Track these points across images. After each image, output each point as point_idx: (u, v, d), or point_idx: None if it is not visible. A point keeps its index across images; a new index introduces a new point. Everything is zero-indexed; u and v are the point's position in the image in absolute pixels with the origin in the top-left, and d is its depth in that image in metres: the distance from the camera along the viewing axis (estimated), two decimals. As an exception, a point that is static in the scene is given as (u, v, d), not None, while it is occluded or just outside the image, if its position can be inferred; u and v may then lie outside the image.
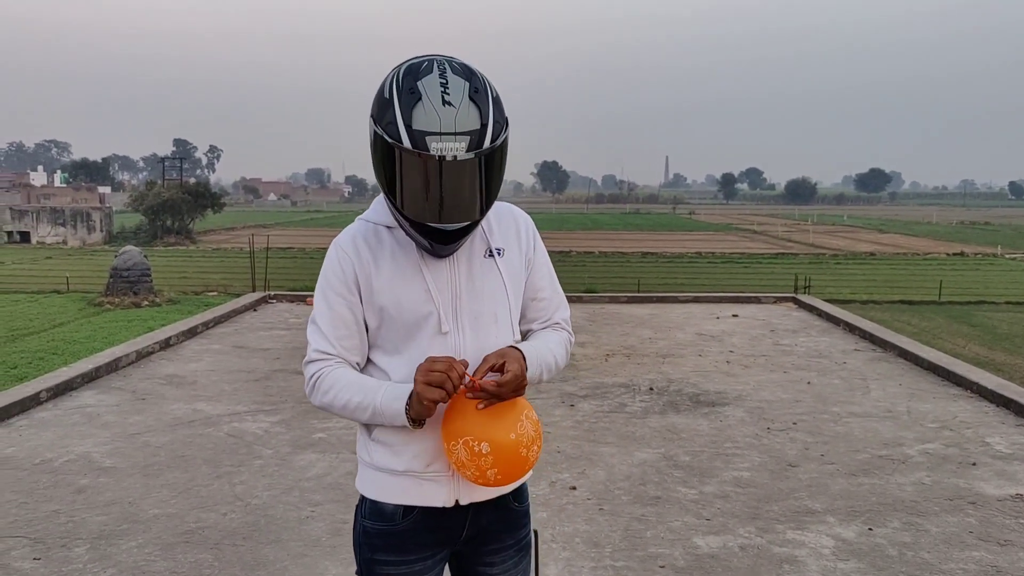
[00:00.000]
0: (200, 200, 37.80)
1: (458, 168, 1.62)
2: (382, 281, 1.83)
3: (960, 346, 10.52)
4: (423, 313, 1.82)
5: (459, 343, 1.83)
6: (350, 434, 5.85)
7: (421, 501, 1.85)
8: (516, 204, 2.05)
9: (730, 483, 4.99)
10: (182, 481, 4.93)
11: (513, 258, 1.92)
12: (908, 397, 6.99)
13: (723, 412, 6.52)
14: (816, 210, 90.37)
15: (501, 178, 1.74)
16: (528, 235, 1.97)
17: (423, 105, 1.61)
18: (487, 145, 1.63)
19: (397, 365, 1.84)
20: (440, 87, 1.62)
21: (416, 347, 1.82)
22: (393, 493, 1.86)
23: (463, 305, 1.84)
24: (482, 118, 1.63)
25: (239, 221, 53.39)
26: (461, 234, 1.74)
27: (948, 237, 41.96)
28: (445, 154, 1.60)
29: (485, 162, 1.65)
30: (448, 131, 1.60)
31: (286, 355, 8.50)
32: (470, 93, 1.64)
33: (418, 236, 1.76)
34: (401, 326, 1.83)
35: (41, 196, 53.30)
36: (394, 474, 1.85)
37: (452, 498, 1.85)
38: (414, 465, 1.84)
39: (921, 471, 5.21)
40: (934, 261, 27.49)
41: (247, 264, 17.35)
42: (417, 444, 1.83)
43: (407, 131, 1.61)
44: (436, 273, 1.83)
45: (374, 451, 1.88)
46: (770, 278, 19.59)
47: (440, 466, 1.83)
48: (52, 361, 8.64)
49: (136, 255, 13.92)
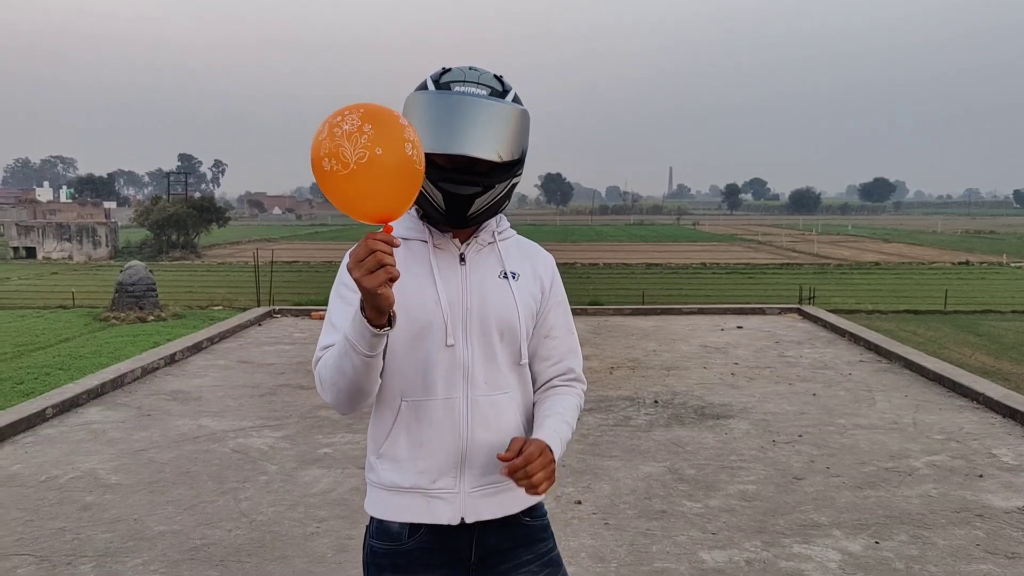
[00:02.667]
0: (205, 214, 37.92)
1: (476, 104, 1.74)
2: (395, 285, 1.85)
3: (966, 356, 10.49)
4: (429, 322, 1.82)
5: (466, 357, 1.83)
6: (355, 449, 5.85)
7: (427, 518, 1.84)
8: (520, 216, 2.08)
9: (736, 496, 4.98)
10: (187, 497, 4.94)
11: (528, 285, 1.93)
12: (914, 408, 6.97)
13: (728, 425, 6.51)
14: (820, 220, 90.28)
15: (518, 149, 1.81)
16: (547, 271, 1.99)
17: (451, 71, 1.80)
18: (507, 101, 1.78)
19: (401, 375, 1.84)
20: (468, 66, 1.83)
21: (422, 360, 1.82)
22: (398, 511, 1.85)
23: (473, 320, 1.84)
24: (504, 87, 1.81)
25: (244, 235, 53.52)
26: (474, 196, 1.78)
27: (953, 246, 41.88)
28: (466, 93, 1.74)
29: (502, 120, 1.76)
30: (472, 80, 1.77)
31: (291, 370, 8.51)
32: (495, 75, 1.83)
33: (434, 196, 1.79)
34: (407, 334, 1.81)
35: (47, 212, 53.49)
36: (400, 491, 1.85)
37: (458, 515, 1.84)
38: (420, 481, 1.83)
39: (928, 483, 5.19)
40: (939, 270, 27.45)
41: (252, 278, 17.39)
42: (423, 460, 1.83)
43: (434, 85, 1.78)
44: (447, 285, 1.84)
45: (381, 469, 1.87)
46: (775, 288, 19.56)
47: (447, 483, 1.83)
48: (58, 376, 8.66)
49: (141, 270, 13.96)
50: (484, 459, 1.84)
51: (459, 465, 1.84)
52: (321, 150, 1.49)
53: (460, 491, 1.83)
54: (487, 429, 1.84)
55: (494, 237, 1.93)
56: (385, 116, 1.51)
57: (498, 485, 1.86)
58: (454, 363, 1.82)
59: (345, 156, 1.47)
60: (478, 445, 1.84)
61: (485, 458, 1.84)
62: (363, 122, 1.47)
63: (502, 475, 1.72)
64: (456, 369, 1.82)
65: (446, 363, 1.82)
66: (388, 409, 1.87)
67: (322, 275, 26.20)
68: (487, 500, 1.86)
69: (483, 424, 1.84)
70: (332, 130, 1.48)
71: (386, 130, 1.50)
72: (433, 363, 1.82)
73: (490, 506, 1.86)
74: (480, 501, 1.85)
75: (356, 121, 1.48)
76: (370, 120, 1.49)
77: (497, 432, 1.85)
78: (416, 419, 1.83)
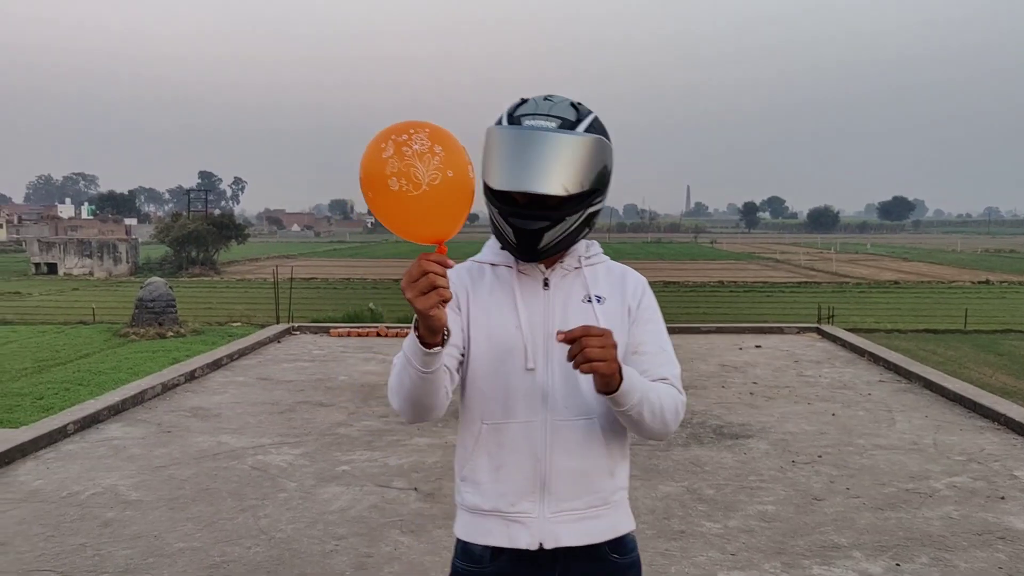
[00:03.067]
0: (224, 231, 38.23)
1: (543, 139, 1.72)
2: (477, 310, 1.87)
3: (987, 376, 10.41)
4: (511, 347, 1.83)
5: (548, 382, 1.82)
6: (374, 467, 5.87)
7: (506, 542, 1.83)
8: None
9: (755, 517, 4.96)
10: (207, 514, 4.96)
11: (613, 307, 1.89)
12: (934, 429, 6.92)
13: (747, 444, 6.48)
14: (839, 238, 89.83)
15: (592, 180, 1.78)
16: (636, 289, 1.93)
17: (527, 103, 1.80)
18: (579, 132, 1.75)
19: (483, 398, 1.85)
20: (545, 96, 1.82)
21: (503, 383, 1.83)
22: (480, 534, 1.86)
23: (553, 344, 1.80)
24: (579, 115, 1.78)
25: (263, 252, 53.85)
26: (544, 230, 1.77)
27: (973, 265, 41.57)
28: (535, 127, 1.73)
29: (570, 153, 1.74)
30: (542, 113, 1.75)
31: (310, 387, 8.54)
32: (572, 103, 1.81)
33: (506, 230, 1.80)
34: (489, 357, 1.83)
35: (68, 228, 54.02)
36: (481, 514, 1.86)
37: (536, 540, 1.82)
38: (500, 504, 1.83)
39: (949, 505, 5.15)
40: (959, 289, 27.24)
41: (271, 295, 17.48)
42: (503, 483, 1.83)
43: (507, 119, 1.78)
44: (530, 310, 1.85)
45: (464, 492, 1.89)
46: (793, 307, 19.48)
47: (526, 507, 1.82)
48: (78, 392, 8.73)
49: (161, 286, 14.08)
50: (565, 484, 1.82)
51: (539, 489, 1.82)
52: (387, 168, 1.48)
53: (540, 516, 1.82)
54: (568, 454, 1.82)
55: (580, 262, 1.91)
56: (450, 138, 1.53)
57: (580, 512, 1.83)
58: (534, 387, 1.82)
59: (417, 176, 1.47)
60: (558, 470, 1.82)
61: (566, 483, 1.82)
62: (433, 143, 1.48)
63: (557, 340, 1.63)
64: (536, 393, 1.82)
65: (526, 387, 1.82)
66: (470, 432, 1.88)
67: (340, 292, 26.31)
68: (568, 526, 1.83)
69: (564, 449, 1.82)
70: (400, 149, 1.47)
71: (454, 152, 1.51)
72: (513, 387, 1.82)
73: (571, 533, 1.83)
74: (560, 527, 1.82)
75: (426, 141, 1.48)
76: (439, 141, 1.49)
77: (579, 458, 1.83)
78: (496, 442, 1.84)
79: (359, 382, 8.80)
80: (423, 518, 4.92)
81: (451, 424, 7.04)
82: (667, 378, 1.84)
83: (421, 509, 5.07)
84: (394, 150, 1.47)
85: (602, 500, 1.85)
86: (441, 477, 5.65)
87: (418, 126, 1.50)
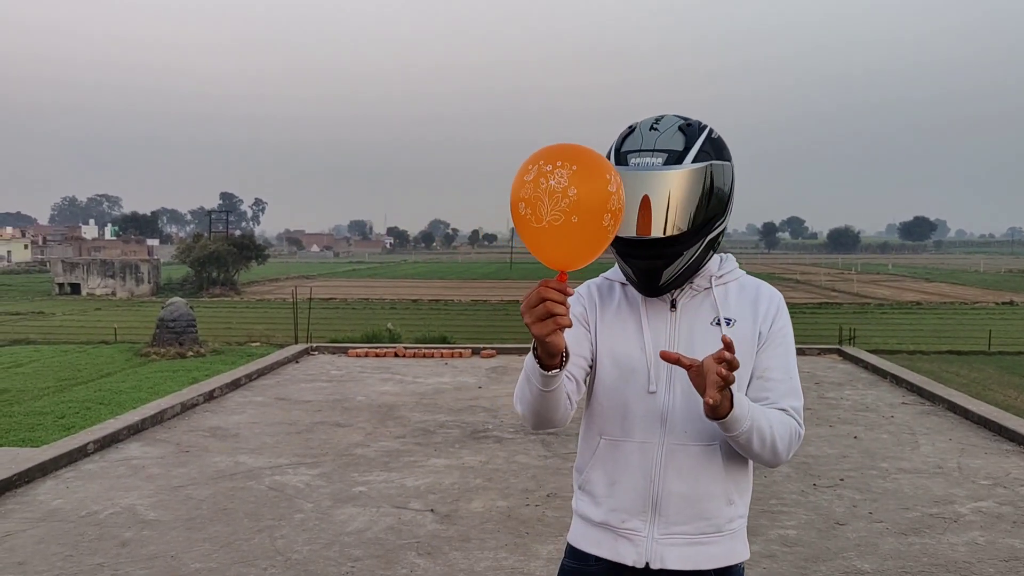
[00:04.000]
0: (245, 252, 38.52)
1: (649, 180, 1.70)
2: (604, 327, 1.87)
3: (1011, 398, 10.27)
4: (633, 368, 1.82)
5: (668, 405, 1.80)
6: (391, 488, 5.84)
7: (612, 556, 1.84)
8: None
9: (776, 542, 4.89)
10: (224, 535, 4.95)
11: (744, 330, 1.83)
12: (959, 452, 6.82)
13: (768, 468, 6.40)
14: (860, 259, 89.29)
15: (706, 209, 1.75)
16: (770, 310, 1.86)
17: (633, 133, 1.78)
18: (686, 164, 1.71)
19: (603, 414, 1.86)
20: (652, 120, 1.78)
21: (622, 402, 1.83)
22: (589, 543, 1.88)
23: (677, 368, 1.76)
24: (687, 143, 1.73)
25: (283, 272, 54.16)
26: (660, 268, 1.76)
27: (996, 286, 41.17)
28: (640, 167, 1.69)
29: (680, 191, 1.71)
30: (648, 148, 1.71)
31: (327, 407, 8.55)
32: (681, 126, 1.75)
33: (626, 269, 1.81)
34: (612, 378, 1.84)
35: (92, 249, 54.58)
36: (592, 524, 1.88)
37: (643, 559, 1.82)
38: (611, 519, 1.85)
39: (974, 530, 5.06)
40: (982, 310, 26.97)
41: (289, 315, 17.55)
42: (615, 499, 1.84)
43: (615, 155, 1.75)
44: (656, 332, 1.84)
45: (580, 500, 1.93)
46: (814, 328, 19.33)
47: (637, 525, 1.82)
48: (99, 411, 8.78)
49: (182, 306, 14.17)
50: (677, 507, 1.80)
51: (650, 510, 1.81)
52: (522, 192, 1.48)
53: (649, 536, 1.81)
54: (682, 478, 1.80)
55: (710, 282, 1.87)
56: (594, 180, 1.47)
57: (690, 537, 1.81)
58: (654, 409, 1.80)
59: (540, 212, 1.46)
60: (671, 493, 1.80)
61: (678, 507, 1.80)
62: (570, 184, 1.45)
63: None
64: (655, 415, 1.80)
65: (646, 408, 1.81)
66: (589, 444, 1.90)
67: (359, 312, 26.38)
68: (675, 549, 1.81)
69: (677, 472, 1.80)
70: (539, 179, 1.46)
71: (589, 196, 1.46)
72: (633, 407, 1.82)
73: (678, 556, 1.81)
74: (668, 549, 1.81)
75: (563, 180, 1.45)
76: (577, 184, 1.45)
77: (693, 483, 1.80)
78: (612, 458, 1.84)
79: (377, 403, 8.80)
80: (439, 540, 4.88)
81: (468, 445, 7.01)
82: (787, 410, 1.80)
83: (437, 531, 5.03)
84: (534, 176, 1.47)
85: (715, 527, 1.82)
86: (458, 499, 5.62)
87: (568, 159, 1.46)
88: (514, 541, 4.87)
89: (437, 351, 12.42)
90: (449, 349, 12.60)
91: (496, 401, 8.89)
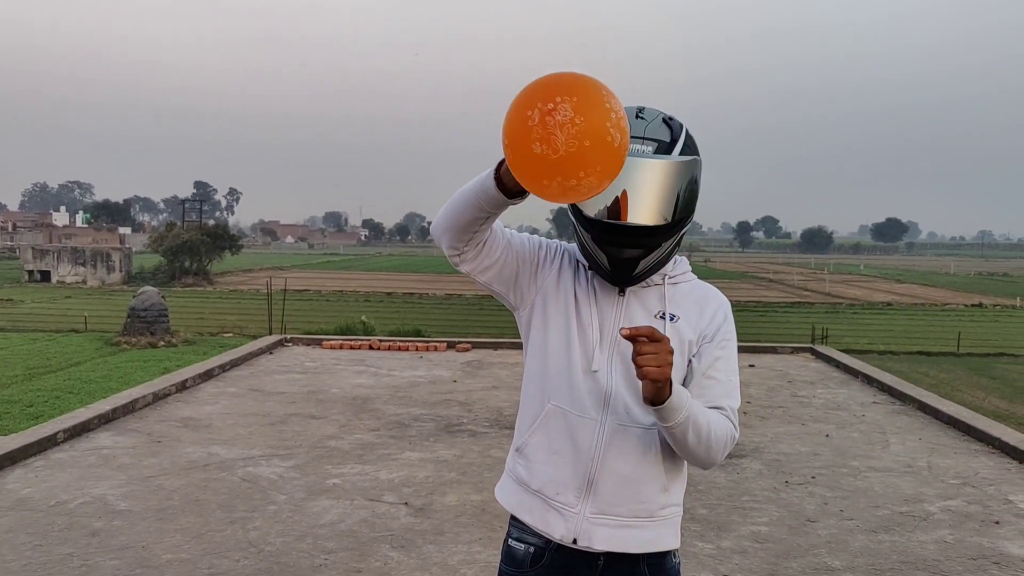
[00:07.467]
0: (218, 242, 38.18)
1: (640, 168, 1.70)
2: (560, 294, 1.88)
3: (979, 399, 10.41)
4: (577, 345, 1.84)
5: (610, 386, 1.82)
6: (365, 480, 5.82)
7: (542, 526, 1.86)
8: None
9: (748, 538, 4.93)
10: (196, 526, 4.91)
11: (685, 329, 1.86)
12: (928, 452, 6.90)
13: (740, 464, 6.46)
14: (832, 259, 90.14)
15: (686, 207, 1.78)
16: (717, 314, 1.89)
17: None
18: (675, 155, 1.72)
19: (553, 379, 1.87)
20: (636, 110, 1.78)
21: (568, 376, 1.84)
22: (520, 508, 1.90)
23: (616, 352, 1.82)
24: (673, 135, 1.75)
25: (256, 263, 53.77)
26: (638, 257, 1.77)
27: (966, 288, 41.72)
28: (632, 153, 1.67)
29: (669, 180, 1.72)
30: (638, 135, 1.71)
31: (301, 399, 8.50)
32: (664, 118, 1.78)
33: (598, 256, 1.80)
34: (558, 350, 1.86)
35: (63, 236, 53.89)
36: (528, 491, 1.89)
37: (571, 535, 1.83)
38: (546, 489, 1.86)
39: (943, 528, 5.12)
40: (952, 312, 27.32)
41: (263, 306, 17.44)
42: (553, 469, 1.85)
43: None
44: (603, 314, 1.86)
45: (517, 464, 1.92)
46: (786, 327, 19.50)
47: (568, 500, 1.83)
48: (68, 400, 8.68)
49: (154, 296, 14.04)
50: (612, 487, 1.82)
51: (585, 486, 1.82)
52: (532, 134, 1.50)
53: (580, 512, 1.82)
54: (622, 459, 1.81)
55: (663, 280, 1.90)
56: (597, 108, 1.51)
57: (622, 520, 1.83)
58: (597, 388, 1.82)
59: (556, 144, 1.49)
60: (608, 472, 1.82)
61: (613, 486, 1.82)
62: (575, 114, 1.49)
63: (621, 335, 1.65)
64: (599, 394, 1.82)
65: (589, 387, 1.83)
66: (535, 406, 1.90)
67: (334, 304, 26.25)
68: (604, 530, 1.82)
69: (617, 452, 1.81)
70: (544, 118, 1.49)
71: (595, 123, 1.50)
72: (578, 383, 1.83)
73: (606, 537, 1.82)
74: (596, 528, 1.82)
75: (568, 112, 1.49)
76: (582, 113, 1.50)
77: (632, 464, 1.82)
78: (557, 427, 1.85)
79: (351, 395, 8.76)
80: (413, 533, 4.88)
81: (443, 439, 7.00)
82: (724, 409, 1.82)
83: (411, 524, 5.02)
84: (539, 116, 1.50)
85: (648, 512, 1.84)
86: (432, 492, 5.61)
87: (567, 93, 1.50)
88: (488, 535, 4.87)
89: (412, 344, 12.39)
90: (424, 343, 12.58)
91: (471, 395, 8.89)
